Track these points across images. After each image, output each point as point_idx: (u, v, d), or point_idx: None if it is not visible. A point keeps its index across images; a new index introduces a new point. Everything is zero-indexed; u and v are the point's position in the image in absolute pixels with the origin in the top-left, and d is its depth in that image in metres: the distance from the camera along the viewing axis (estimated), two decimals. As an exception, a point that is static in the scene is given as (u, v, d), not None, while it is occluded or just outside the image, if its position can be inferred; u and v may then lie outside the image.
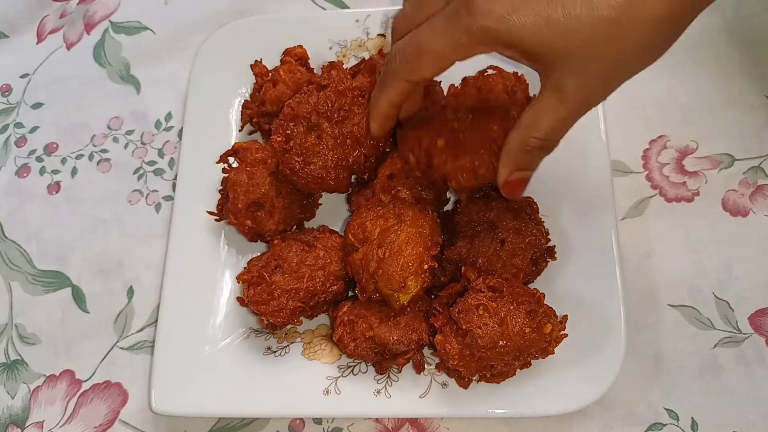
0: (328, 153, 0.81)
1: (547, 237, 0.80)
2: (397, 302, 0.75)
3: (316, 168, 0.81)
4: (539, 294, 0.72)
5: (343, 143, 0.81)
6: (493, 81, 0.87)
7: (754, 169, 0.89)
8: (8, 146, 1.05)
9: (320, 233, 0.84)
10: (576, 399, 0.74)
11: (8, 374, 0.90)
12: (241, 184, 0.84)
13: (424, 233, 0.74)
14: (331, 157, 0.81)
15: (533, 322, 0.70)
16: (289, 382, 0.81)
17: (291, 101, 0.82)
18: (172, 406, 0.80)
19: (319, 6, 1.09)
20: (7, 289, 0.95)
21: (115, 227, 0.97)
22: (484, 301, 0.71)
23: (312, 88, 0.83)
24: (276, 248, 0.82)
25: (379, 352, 0.78)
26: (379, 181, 0.85)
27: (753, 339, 0.81)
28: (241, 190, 0.84)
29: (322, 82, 0.83)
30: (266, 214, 0.84)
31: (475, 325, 0.70)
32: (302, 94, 0.82)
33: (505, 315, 0.70)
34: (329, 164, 0.82)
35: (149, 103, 1.05)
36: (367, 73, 0.91)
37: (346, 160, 0.82)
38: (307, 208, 0.89)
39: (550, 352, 0.73)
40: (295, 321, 0.80)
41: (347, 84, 0.82)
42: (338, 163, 0.82)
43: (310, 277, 0.79)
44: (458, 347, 0.72)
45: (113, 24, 1.12)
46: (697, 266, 0.84)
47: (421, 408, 0.77)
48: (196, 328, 0.84)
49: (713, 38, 0.97)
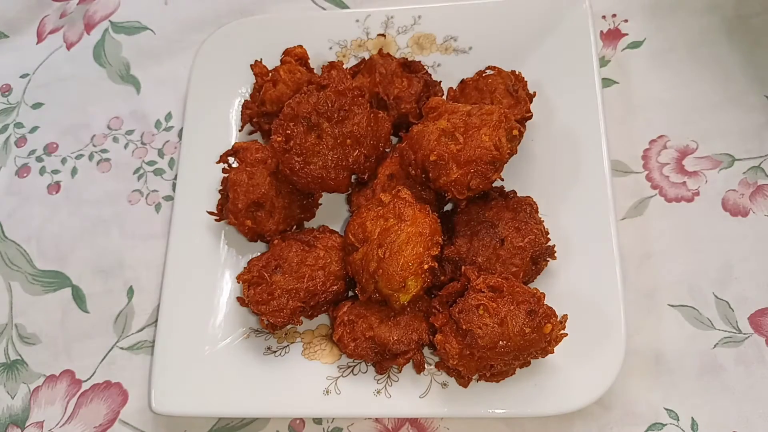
0: (328, 153, 0.81)
1: (546, 236, 0.80)
2: (397, 302, 0.75)
3: (316, 168, 0.81)
4: (539, 294, 0.72)
5: (343, 143, 0.81)
6: (493, 81, 0.88)
7: (754, 169, 0.89)
8: (8, 146, 1.05)
9: (320, 233, 0.84)
10: (576, 399, 0.74)
11: (8, 374, 0.90)
12: (241, 184, 0.84)
13: (424, 233, 0.74)
14: (331, 157, 0.81)
15: (533, 322, 0.70)
16: (289, 382, 0.81)
17: (291, 101, 0.82)
18: (172, 406, 0.80)
19: (318, 6, 1.09)
20: (7, 289, 0.95)
21: (115, 227, 0.97)
22: (484, 301, 0.71)
23: (312, 88, 0.83)
24: (276, 248, 0.82)
25: (379, 352, 0.78)
26: (379, 181, 0.85)
27: (753, 339, 0.80)
28: (241, 190, 0.84)
29: (322, 82, 0.83)
30: (266, 214, 0.84)
31: (475, 325, 0.70)
32: (302, 94, 0.82)
33: (505, 315, 0.70)
34: (329, 164, 0.82)
35: (149, 103, 1.05)
36: (367, 73, 0.91)
37: (346, 160, 0.82)
38: (307, 208, 0.89)
39: (549, 352, 0.73)
40: (295, 321, 0.80)
41: (347, 84, 0.82)
42: (338, 163, 0.82)
43: (311, 277, 0.79)
44: (458, 347, 0.72)
45: (113, 24, 1.12)
46: (697, 266, 0.84)
47: (421, 408, 0.77)
48: (196, 328, 0.84)
49: (713, 38, 0.97)
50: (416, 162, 0.80)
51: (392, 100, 0.89)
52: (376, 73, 0.90)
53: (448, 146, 0.77)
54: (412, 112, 0.89)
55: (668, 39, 0.98)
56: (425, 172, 0.79)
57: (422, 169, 0.79)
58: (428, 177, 0.79)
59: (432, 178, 0.79)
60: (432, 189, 0.82)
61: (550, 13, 0.93)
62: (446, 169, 0.77)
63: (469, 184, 0.77)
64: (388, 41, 0.98)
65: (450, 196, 0.79)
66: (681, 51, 0.97)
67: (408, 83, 0.90)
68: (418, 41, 0.97)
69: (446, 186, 0.78)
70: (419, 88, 0.90)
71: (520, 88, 0.87)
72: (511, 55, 0.93)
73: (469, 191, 0.78)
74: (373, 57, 0.92)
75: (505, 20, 0.94)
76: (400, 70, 0.91)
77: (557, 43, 0.92)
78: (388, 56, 0.92)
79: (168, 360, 0.82)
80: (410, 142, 0.81)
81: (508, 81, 0.87)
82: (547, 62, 0.92)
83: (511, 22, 0.94)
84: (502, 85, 0.87)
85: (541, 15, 0.92)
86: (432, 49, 0.97)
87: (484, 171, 0.76)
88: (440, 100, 0.83)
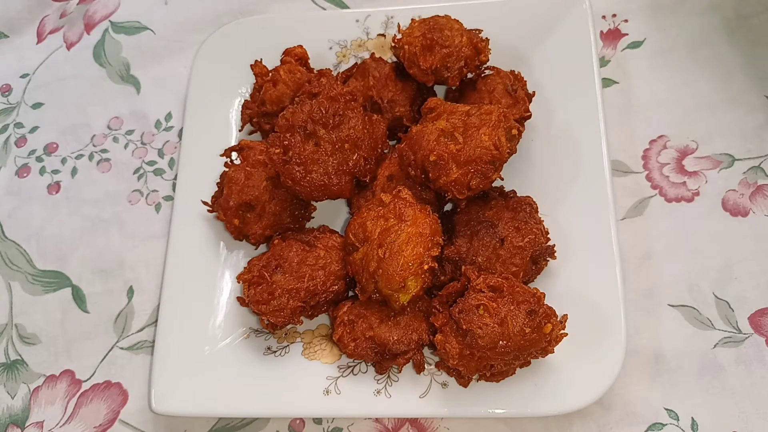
0: (328, 159, 0.81)
1: (546, 236, 0.80)
2: (397, 302, 0.75)
3: (317, 176, 0.81)
4: (539, 294, 0.72)
5: (341, 148, 0.81)
6: (492, 81, 0.88)
7: (754, 169, 0.89)
8: (8, 146, 1.05)
9: (321, 233, 0.84)
10: (576, 399, 0.74)
11: (8, 374, 0.90)
12: (237, 182, 0.84)
13: (424, 233, 0.74)
14: (331, 163, 0.81)
15: (533, 322, 0.70)
16: (289, 382, 0.81)
17: (285, 112, 0.82)
18: (172, 406, 0.80)
19: (318, 6, 1.09)
20: (7, 289, 0.95)
21: (115, 227, 0.97)
22: (484, 301, 0.71)
23: (303, 98, 0.83)
24: (276, 248, 0.82)
25: (379, 352, 0.78)
26: (379, 182, 0.85)
27: (753, 339, 0.81)
28: (236, 188, 0.84)
29: (312, 90, 0.83)
30: (255, 217, 0.85)
31: (475, 326, 0.70)
32: (295, 105, 0.82)
33: (506, 315, 0.70)
34: (330, 170, 0.81)
35: (149, 103, 1.05)
36: (360, 76, 0.91)
37: (346, 164, 0.82)
38: (298, 219, 0.88)
39: (549, 352, 0.73)
40: (295, 321, 0.80)
41: (338, 90, 0.82)
42: (339, 168, 0.82)
43: (311, 276, 0.79)
44: (458, 347, 0.72)
45: (113, 24, 1.12)
46: (697, 266, 0.84)
47: (421, 408, 0.77)
48: (196, 328, 0.84)
49: (713, 38, 0.97)
50: (416, 162, 0.80)
51: (386, 103, 0.89)
52: (370, 76, 0.90)
53: (448, 146, 0.77)
54: (407, 115, 0.89)
55: (668, 39, 0.98)
56: (425, 172, 0.79)
57: (422, 169, 0.79)
58: (428, 177, 0.79)
59: (432, 179, 0.79)
60: (432, 189, 0.82)
61: (550, 13, 0.92)
62: (446, 169, 0.77)
63: (469, 184, 0.77)
64: (388, 41, 0.98)
65: (450, 196, 0.79)
66: (681, 51, 0.97)
67: (402, 86, 0.90)
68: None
69: (446, 186, 0.78)
70: (413, 91, 0.90)
71: (519, 87, 0.87)
72: (511, 55, 0.92)
73: (469, 191, 0.78)
74: (366, 61, 0.92)
75: (504, 20, 0.94)
76: (393, 74, 0.91)
77: (557, 44, 0.92)
78: (381, 60, 0.92)
79: (168, 360, 0.82)
80: (409, 143, 0.81)
81: (507, 81, 0.87)
82: (547, 62, 0.92)
83: (510, 22, 0.94)
84: (501, 84, 0.87)
85: (541, 15, 0.92)
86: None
87: (484, 170, 0.77)
88: (438, 101, 0.83)
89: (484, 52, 0.87)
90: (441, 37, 0.84)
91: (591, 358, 0.76)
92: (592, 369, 0.75)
